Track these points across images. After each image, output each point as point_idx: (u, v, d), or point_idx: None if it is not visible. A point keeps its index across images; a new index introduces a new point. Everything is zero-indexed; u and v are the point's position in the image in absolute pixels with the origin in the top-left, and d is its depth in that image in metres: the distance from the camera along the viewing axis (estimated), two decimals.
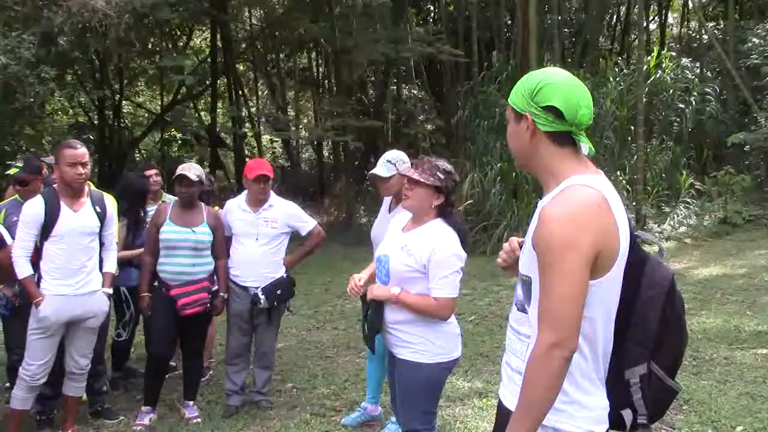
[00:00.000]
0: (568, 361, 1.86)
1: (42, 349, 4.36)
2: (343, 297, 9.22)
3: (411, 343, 3.35)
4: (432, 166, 3.38)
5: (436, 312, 3.31)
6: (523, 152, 2.08)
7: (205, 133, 19.19)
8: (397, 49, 14.80)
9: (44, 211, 4.32)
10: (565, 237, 1.85)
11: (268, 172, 5.13)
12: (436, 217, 3.40)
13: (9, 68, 9.99)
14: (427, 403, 3.42)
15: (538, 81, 2.01)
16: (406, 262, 3.32)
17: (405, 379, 3.40)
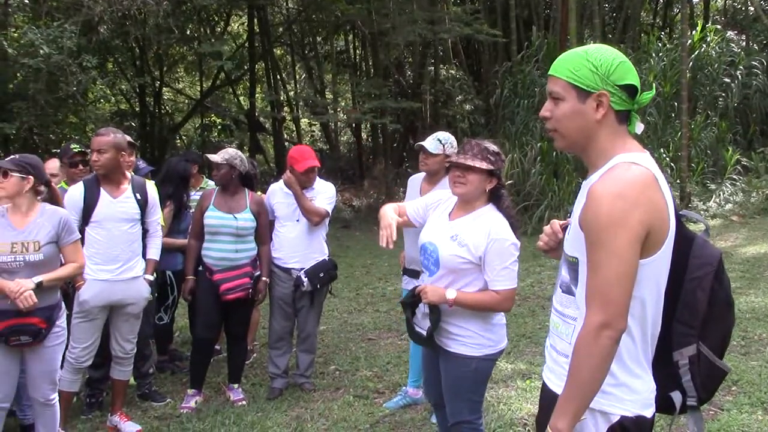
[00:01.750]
0: (616, 342, 1.83)
1: (85, 332, 4.44)
2: (384, 279, 9.24)
3: (461, 337, 3.28)
4: (481, 149, 3.27)
5: (499, 305, 3.23)
6: (584, 132, 1.99)
7: (244, 118, 19.29)
8: (434, 30, 14.67)
9: (83, 197, 4.40)
10: (615, 215, 1.81)
11: (316, 163, 5.15)
12: (487, 202, 3.31)
13: (52, 58, 10.13)
14: (476, 395, 3.38)
15: (612, 58, 1.95)
16: (459, 253, 3.20)
17: (454, 372, 3.33)
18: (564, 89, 1.98)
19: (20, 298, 3.61)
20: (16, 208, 3.79)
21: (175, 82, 20.09)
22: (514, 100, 14.75)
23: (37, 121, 12.90)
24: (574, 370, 1.87)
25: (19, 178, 3.76)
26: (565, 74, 1.97)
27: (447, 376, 3.39)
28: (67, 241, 3.89)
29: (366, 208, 16.00)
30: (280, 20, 19.17)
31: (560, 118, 2.01)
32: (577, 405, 1.86)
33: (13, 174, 3.74)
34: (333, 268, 5.32)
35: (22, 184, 3.77)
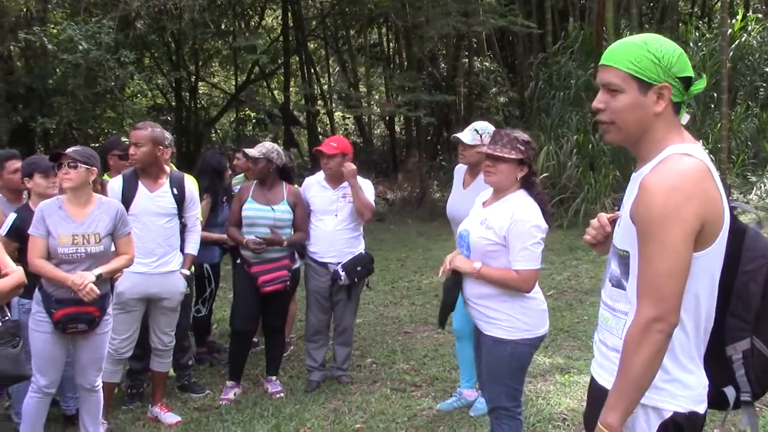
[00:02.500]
0: (668, 336, 1.80)
1: (123, 323, 4.48)
2: (419, 272, 9.22)
3: (495, 319, 3.32)
4: (511, 138, 3.35)
5: (518, 285, 3.27)
6: (642, 125, 1.93)
7: (278, 112, 19.37)
8: (469, 22, 14.57)
9: (121, 191, 4.44)
10: (669, 208, 1.77)
11: (326, 149, 5.12)
12: (518, 189, 3.37)
13: (90, 53, 10.27)
14: (513, 380, 3.38)
15: (674, 49, 1.92)
16: (485, 235, 3.29)
17: (490, 356, 3.37)
18: (624, 81, 1.92)
19: (84, 291, 3.69)
20: (74, 200, 3.85)
21: (211, 76, 20.23)
22: (549, 92, 14.59)
23: (76, 116, 13.11)
24: (625, 365, 1.83)
25: (85, 169, 3.82)
26: (625, 65, 1.91)
27: (484, 360, 3.45)
28: (122, 232, 3.98)
29: (400, 201, 15.98)
30: (314, 14, 19.20)
31: (618, 111, 1.94)
32: (628, 401, 1.83)
33: (80, 165, 3.79)
34: (370, 261, 5.32)
35: (87, 176, 3.84)
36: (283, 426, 4.57)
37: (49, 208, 3.80)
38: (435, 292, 7.96)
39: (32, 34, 11.04)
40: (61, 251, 3.77)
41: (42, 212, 3.78)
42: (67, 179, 3.80)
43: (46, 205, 3.82)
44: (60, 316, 3.77)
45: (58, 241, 3.75)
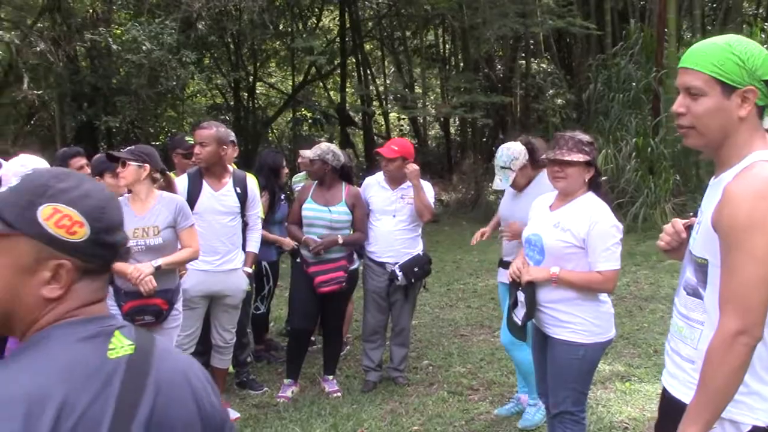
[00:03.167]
0: (752, 349, 1.75)
1: (186, 320, 4.54)
2: (474, 275, 9.18)
3: (569, 323, 3.29)
4: (576, 141, 3.32)
5: (602, 285, 3.26)
6: (724, 129, 1.87)
7: (334, 112, 19.50)
8: (526, 23, 14.46)
9: (186, 189, 4.52)
10: (756, 216, 1.72)
11: (386, 152, 5.12)
12: (586, 191, 3.34)
13: (153, 53, 10.51)
14: (581, 384, 3.35)
15: (759, 51, 1.85)
16: (562, 237, 3.26)
17: (561, 360, 3.33)
18: (706, 84, 1.86)
19: (141, 282, 3.77)
20: (135, 196, 3.95)
21: (268, 76, 20.46)
22: (608, 94, 14.37)
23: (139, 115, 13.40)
24: (707, 378, 1.79)
25: (136, 166, 3.91)
26: (708, 68, 1.85)
27: (553, 363, 3.40)
28: (183, 226, 4.04)
29: (455, 202, 15.93)
30: (370, 15, 19.27)
31: (700, 115, 1.88)
32: (709, 414, 1.78)
33: (130, 163, 3.89)
34: (428, 263, 5.30)
35: (140, 172, 3.92)
36: (341, 426, 4.59)
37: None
38: (491, 295, 7.91)
39: (98, 35, 11.37)
40: None
41: None
42: (121, 177, 3.91)
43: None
44: (128, 308, 3.86)
45: None
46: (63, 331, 1.18)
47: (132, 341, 1.22)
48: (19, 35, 10.57)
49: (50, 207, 1.18)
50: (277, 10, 15.20)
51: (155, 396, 1.19)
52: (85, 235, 1.19)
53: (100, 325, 1.21)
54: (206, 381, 1.32)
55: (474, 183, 16.03)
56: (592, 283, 3.25)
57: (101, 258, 1.23)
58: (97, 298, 1.24)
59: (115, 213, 1.26)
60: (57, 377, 1.11)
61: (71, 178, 1.23)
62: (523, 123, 16.84)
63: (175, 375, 1.25)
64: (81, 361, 1.15)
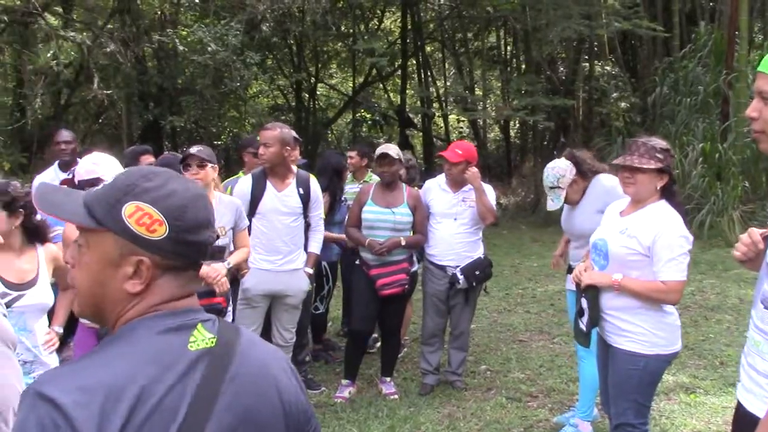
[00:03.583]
0: None
1: (247, 318, 4.62)
2: (533, 280, 9.07)
3: (630, 332, 3.22)
4: (648, 148, 3.23)
5: (664, 296, 3.16)
6: None
7: (393, 114, 19.52)
8: (591, 25, 14.21)
9: (251, 190, 4.57)
10: None
11: (450, 156, 5.08)
12: (659, 199, 3.25)
13: (218, 54, 10.68)
14: (643, 396, 3.27)
15: None
16: (627, 244, 3.19)
17: (621, 370, 3.26)
18: None
19: (218, 283, 3.85)
20: None
21: (329, 78, 20.61)
22: (674, 98, 14.02)
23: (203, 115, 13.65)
24: None
25: (211, 167, 3.97)
26: None
27: (613, 373, 3.34)
28: (241, 227, 4.13)
29: (514, 206, 15.78)
30: (432, 17, 19.24)
31: None
32: None
33: (207, 164, 3.95)
34: (489, 266, 5.27)
35: (212, 173, 3.99)
36: (398, 428, 4.59)
37: None
38: (550, 301, 7.81)
39: (165, 36, 11.60)
40: None
41: None
42: (198, 178, 3.94)
43: None
44: None
45: None
46: (147, 323, 1.22)
47: (214, 334, 1.24)
48: (90, 36, 10.87)
49: (133, 205, 1.21)
50: (340, 12, 15.30)
51: (236, 388, 1.22)
52: (165, 233, 1.22)
53: (183, 319, 1.24)
54: (292, 375, 1.35)
55: (534, 187, 15.83)
56: (655, 292, 3.16)
57: (183, 256, 1.25)
58: (182, 293, 1.27)
59: (200, 212, 1.27)
60: (137, 367, 1.15)
61: (159, 177, 1.26)
62: (586, 127, 16.58)
63: (259, 368, 1.28)
64: (162, 351, 1.18)
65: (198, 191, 1.30)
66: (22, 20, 10.85)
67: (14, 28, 11.05)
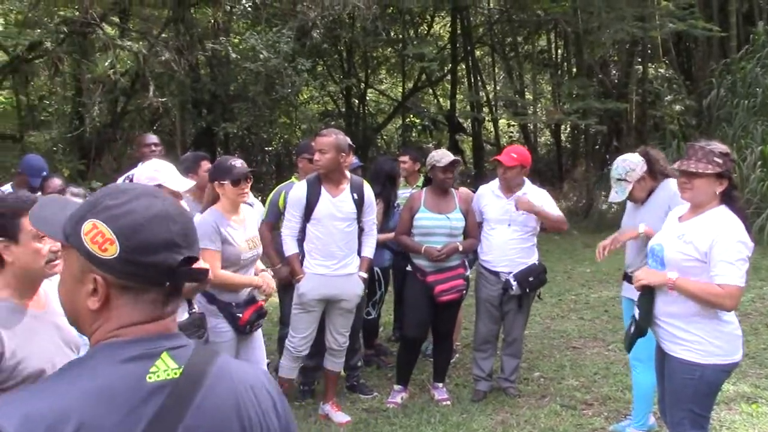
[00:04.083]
0: None
1: (303, 322, 4.67)
2: (586, 286, 8.95)
3: (685, 341, 3.15)
4: (706, 152, 3.16)
5: (720, 300, 3.05)
6: None
7: (442, 119, 19.49)
8: (645, 26, 13.97)
9: (306, 195, 4.60)
10: None
11: (505, 160, 5.05)
12: (719, 204, 3.17)
13: (270, 61, 10.82)
14: (699, 407, 3.19)
15: None
16: (684, 249, 3.13)
17: (676, 379, 3.20)
18: None
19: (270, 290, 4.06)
20: (233, 209, 4.03)
21: (378, 83, 20.69)
22: (731, 100, 13.69)
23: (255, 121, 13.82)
24: None
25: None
26: None
27: (669, 381, 3.28)
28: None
29: (565, 211, 15.42)
30: (481, 21, 19.16)
31: None
32: None
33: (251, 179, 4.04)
34: (543, 272, 5.22)
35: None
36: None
37: (218, 219, 3.93)
38: (604, 307, 7.69)
39: (218, 44, 11.80)
40: (243, 257, 3.97)
41: (215, 224, 3.89)
42: (246, 194, 4.06)
43: (216, 217, 3.94)
44: (248, 316, 3.97)
45: (240, 248, 3.95)
46: (107, 350, 1.21)
47: (179, 365, 1.22)
48: (146, 45, 11.11)
49: (90, 223, 1.21)
50: (390, 18, 15.35)
51: (198, 420, 1.19)
52: (116, 252, 1.20)
53: (146, 347, 1.21)
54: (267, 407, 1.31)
55: (585, 191, 15.63)
56: (711, 295, 3.05)
57: (137, 276, 1.22)
58: (146, 317, 1.24)
59: (158, 233, 1.22)
60: (83, 400, 1.13)
61: (125, 195, 1.25)
62: (639, 130, 16.28)
63: (225, 400, 1.24)
64: (114, 383, 1.16)
65: (165, 211, 1.25)
66: (81, 31, 11.14)
67: (73, 38, 11.35)
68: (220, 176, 3.98)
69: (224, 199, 4.00)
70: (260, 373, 1.36)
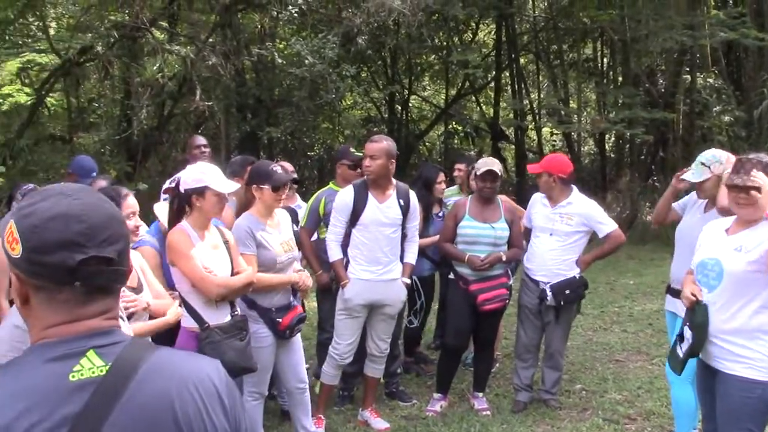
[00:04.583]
0: None
1: (348, 328, 4.67)
2: (630, 298, 8.81)
3: (747, 358, 3.05)
4: (764, 165, 3.08)
5: None
6: None
7: (485, 126, 19.40)
8: (694, 35, 13.74)
9: (353, 201, 4.61)
10: None
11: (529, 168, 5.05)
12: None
13: (315, 67, 10.87)
14: (756, 425, 3.09)
15: None
16: (747, 259, 3.04)
17: (733, 398, 3.09)
18: None
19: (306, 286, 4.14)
20: (267, 213, 4.07)
21: (422, 90, 20.68)
22: None
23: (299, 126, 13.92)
24: None
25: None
26: None
27: (724, 401, 3.16)
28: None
29: None
30: (527, 29, 19.05)
31: None
32: None
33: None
34: (581, 286, 5.12)
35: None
36: None
37: (252, 224, 3.98)
38: (648, 320, 7.57)
39: (264, 49, 11.91)
40: (279, 260, 4.00)
41: (249, 229, 3.95)
42: (283, 200, 4.11)
43: (250, 222, 3.99)
44: (288, 321, 4.00)
45: (275, 252, 3.97)
46: (34, 352, 1.24)
47: (106, 362, 1.22)
48: (193, 50, 11.24)
49: (10, 223, 1.25)
50: (435, 25, 15.33)
51: (125, 418, 1.18)
52: (20, 252, 1.22)
53: (69, 347, 1.22)
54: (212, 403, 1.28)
55: (629, 202, 15.39)
56: None
57: (40, 276, 1.23)
58: (65, 318, 1.24)
59: (54, 233, 1.22)
60: (6, 399, 1.16)
61: (36, 195, 1.28)
62: (686, 141, 15.99)
63: (156, 397, 1.22)
64: (37, 383, 1.18)
65: (68, 211, 1.24)
66: (131, 35, 11.33)
67: (123, 42, 11.55)
68: (260, 180, 4.01)
69: (260, 203, 4.03)
70: (207, 367, 1.33)
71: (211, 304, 3.58)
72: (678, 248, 4.30)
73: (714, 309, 3.14)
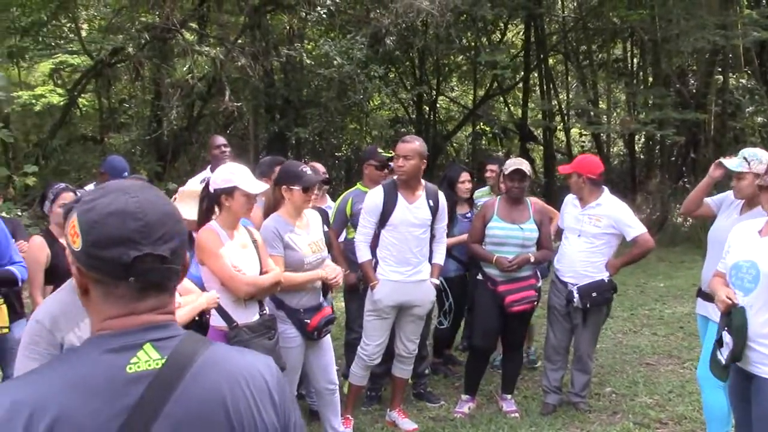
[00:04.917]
0: None
1: (377, 329, 4.66)
2: (660, 301, 8.70)
3: None
4: None
5: None
6: None
7: (513, 127, 19.30)
8: (727, 35, 13.55)
9: (382, 202, 4.60)
10: None
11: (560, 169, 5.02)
12: None
13: (344, 68, 10.90)
14: None
15: None
16: None
17: None
18: None
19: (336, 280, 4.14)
20: (296, 214, 4.07)
21: (450, 90, 20.62)
22: None
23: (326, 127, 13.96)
24: None
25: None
26: None
27: (760, 406, 3.09)
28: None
29: None
30: (555, 29, 18.92)
31: None
32: None
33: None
34: (609, 290, 5.04)
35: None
36: None
37: (280, 225, 3.99)
38: (679, 324, 7.47)
39: (292, 50, 11.97)
40: (307, 260, 4.00)
41: (277, 230, 3.95)
42: (313, 201, 4.11)
43: (277, 223, 3.99)
44: (316, 322, 4.00)
45: (303, 253, 3.98)
46: (92, 343, 1.26)
47: (162, 356, 1.24)
48: (223, 51, 11.33)
49: (73, 216, 1.28)
50: (463, 25, 15.28)
51: (180, 410, 1.21)
52: (80, 245, 1.25)
53: (127, 339, 1.24)
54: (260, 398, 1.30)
55: (660, 204, 15.22)
56: None
57: (98, 270, 1.26)
58: (122, 311, 1.27)
59: (112, 229, 1.24)
60: (63, 387, 1.17)
61: (99, 191, 1.30)
62: (718, 142, 15.78)
63: (208, 391, 1.25)
64: (94, 373, 1.20)
65: (125, 208, 1.26)
66: (161, 36, 11.46)
67: (154, 43, 11.68)
68: (290, 181, 4.01)
69: (289, 203, 4.03)
70: (258, 363, 1.36)
71: (240, 303, 3.60)
72: (710, 251, 4.21)
73: (751, 312, 3.08)
